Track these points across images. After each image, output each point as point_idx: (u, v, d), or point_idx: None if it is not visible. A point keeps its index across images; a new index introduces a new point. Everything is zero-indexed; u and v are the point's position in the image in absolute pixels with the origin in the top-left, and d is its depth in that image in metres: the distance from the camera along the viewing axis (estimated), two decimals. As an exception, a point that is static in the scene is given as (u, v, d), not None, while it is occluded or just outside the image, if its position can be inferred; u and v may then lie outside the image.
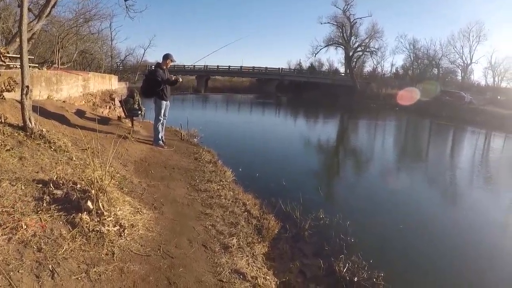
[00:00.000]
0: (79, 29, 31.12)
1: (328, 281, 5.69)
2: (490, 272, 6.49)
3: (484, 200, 11.57)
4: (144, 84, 11.07)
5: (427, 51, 72.11)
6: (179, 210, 6.13)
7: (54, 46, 26.26)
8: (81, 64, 38.90)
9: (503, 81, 65.96)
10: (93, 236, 4.04)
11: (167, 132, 12.72)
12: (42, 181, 4.72)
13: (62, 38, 27.39)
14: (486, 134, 31.62)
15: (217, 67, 74.70)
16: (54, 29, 27.63)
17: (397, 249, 7.30)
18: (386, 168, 15.22)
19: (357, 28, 71.90)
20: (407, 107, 49.90)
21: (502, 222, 9.52)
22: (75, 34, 30.86)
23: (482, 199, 11.71)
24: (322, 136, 23.68)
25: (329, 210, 8.36)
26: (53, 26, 27.50)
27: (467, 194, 12.24)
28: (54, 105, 11.05)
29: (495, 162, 19.17)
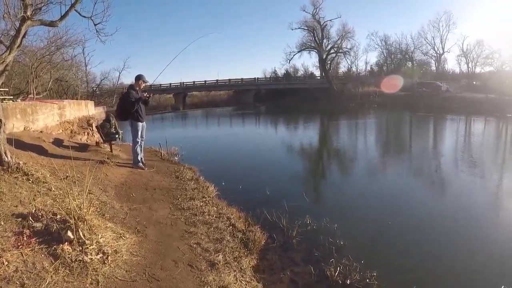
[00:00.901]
0: (52, 57, 30.95)
1: (320, 287, 5.71)
2: (480, 262, 6.51)
3: (471, 186, 11.74)
4: (119, 107, 11.04)
5: (399, 46, 73.43)
6: (162, 231, 6.10)
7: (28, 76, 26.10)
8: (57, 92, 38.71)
9: (477, 67, 67.10)
10: (76, 266, 4.01)
11: (146, 153, 12.69)
12: (21, 215, 4.68)
13: (36, 68, 27.23)
14: (466, 120, 32.42)
15: (193, 82, 75.04)
16: (27, 59, 27.46)
17: (387, 246, 7.30)
18: (370, 165, 15.28)
19: (328, 31, 72.62)
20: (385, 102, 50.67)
21: (490, 207, 9.62)
22: (48, 63, 30.69)
23: (468, 185, 11.88)
24: (304, 141, 23.72)
25: (316, 215, 8.37)
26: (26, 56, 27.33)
27: (453, 181, 12.34)
28: (30, 136, 10.96)
29: (478, 146, 19.61)
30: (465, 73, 68.16)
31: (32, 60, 26.82)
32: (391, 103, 51.26)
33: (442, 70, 74.15)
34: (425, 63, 75.51)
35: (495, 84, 45.36)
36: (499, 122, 30.46)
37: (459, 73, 71.69)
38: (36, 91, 25.66)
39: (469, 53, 67.29)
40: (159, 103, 72.22)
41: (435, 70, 73.74)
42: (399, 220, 8.48)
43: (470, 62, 67.80)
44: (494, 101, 39.78)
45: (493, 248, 6.96)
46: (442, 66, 75.09)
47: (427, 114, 37.80)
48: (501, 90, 41.87)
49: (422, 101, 47.10)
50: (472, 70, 67.57)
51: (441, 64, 74.17)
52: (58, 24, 14.70)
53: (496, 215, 9.03)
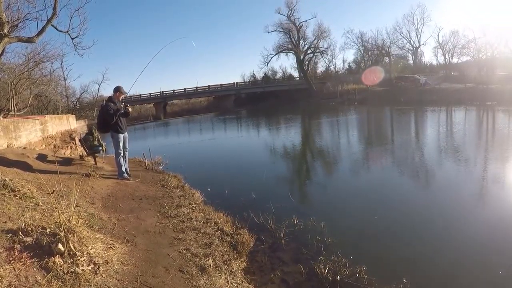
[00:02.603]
0: (31, 73, 30.80)
1: (311, 285, 5.80)
2: (467, 251, 6.63)
3: (455, 176, 11.90)
4: (99, 120, 11.06)
5: (376, 42, 74.16)
6: (152, 239, 6.14)
7: (8, 93, 25.93)
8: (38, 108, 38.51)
9: (454, 57, 68.30)
10: (68, 277, 4.04)
11: (131, 164, 12.70)
12: (11, 231, 4.71)
13: (15, 84, 27.08)
14: (446, 110, 32.92)
15: (173, 91, 75.11)
16: (6, 76, 27.36)
17: (375, 240, 7.40)
18: (354, 162, 15.42)
19: (304, 31, 74.16)
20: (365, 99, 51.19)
21: (475, 196, 9.74)
22: (28, 79, 30.53)
23: (453, 175, 12.03)
24: (286, 142, 23.86)
25: (303, 215, 8.51)
26: (5, 73, 27.24)
27: (437, 172, 12.53)
28: (14, 152, 10.92)
29: (460, 135, 19.97)
30: (443, 65, 69.96)
31: (11, 77, 26.69)
32: (371, 99, 51.76)
33: (420, 63, 75.88)
34: (402, 57, 76.77)
35: (473, 74, 46.18)
36: (480, 110, 31.12)
37: (437, 65, 73.54)
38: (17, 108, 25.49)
39: (445, 44, 69.13)
40: (140, 113, 72.07)
41: (413, 63, 75.00)
42: (385, 215, 8.61)
43: (447, 53, 69.60)
44: (473, 90, 40.56)
45: (478, 238, 7.09)
46: (419, 59, 77.04)
47: (407, 107, 38.25)
48: (479, 79, 42.92)
49: (401, 95, 47.65)
50: (449, 61, 69.10)
51: (418, 57, 76.06)
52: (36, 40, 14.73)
53: (482, 204, 9.16)
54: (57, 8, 13.57)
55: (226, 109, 70.06)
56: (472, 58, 58.69)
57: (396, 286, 5.44)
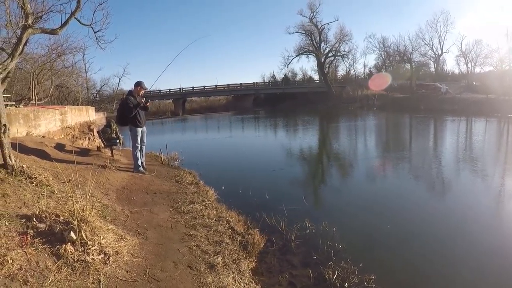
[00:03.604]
0: (53, 64, 30.99)
1: (318, 290, 5.75)
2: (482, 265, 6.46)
3: (472, 188, 11.65)
4: (118, 113, 11.18)
5: (397, 48, 73.20)
6: (163, 234, 6.18)
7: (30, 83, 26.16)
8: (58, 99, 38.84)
9: (476, 67, 66.82)
10: (78, 266, 4.10)
11: (147, 158, 12.76)
12: (26, 216, 4.77)
13: (37, 74, 27.29)
14: (466, 121, 32.41)
15: (192, 88, 75.31)
16: (28, 66, 27.53)
17: (386, 249, 7.28)
18: (370, 168, 15.28)
19: (326, 34, 73.88)
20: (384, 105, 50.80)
21: (492, 209, 9.57)
22: (50, 69, 30.75)
23: (470, 186, 11.80)
24: (303, 144, 23.80)
25: (315, 218, 8.41)
26: (27, 63, 27.41)
27: (454, 183, 12.30)
28: (33, 141, 11.05)
29: (479, 147, 19.59)
30: (465, 74, 68.23)
31: (33, 67, 26.90)
32: (390, 105, 51.44)
33: (441, 71, 74.53)
34: (423, 65, 75.58)
35: (495, 84, 45.36)
36: (500, 122, 30.53)
37: (459, 74, 71.93)
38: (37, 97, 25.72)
39: (467, 53, 67.38)
40: (159, 108, 72.45)
41: (434, 71, 73.88)
42: (399, 224, 8.48)
43: (469, 62, 67.79)
44: (494, 101, 39.82)
45: (495, 251, 6.95)
46: (441, 67, 75.70)
47: (427, 116, 37.87)
48: (501, 90, 42.01)
49: (421, 103, 47.26)
50: (471, 70, 67.40)
51: (440, 65, 74.77)
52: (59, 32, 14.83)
53: (499, 217, 9.00)
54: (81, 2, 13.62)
55: (245, 109, 70.09)
56: (495, 68, 57.99)
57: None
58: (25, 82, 29.50)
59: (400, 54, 72.57)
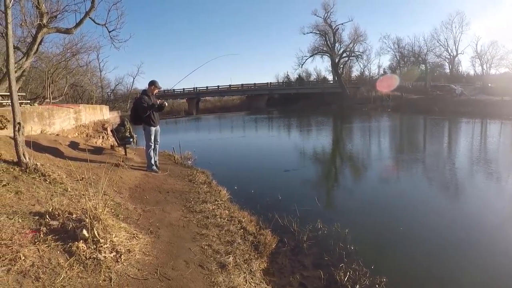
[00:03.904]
0: (67, 63, 31.35)
1: (329, 292, 5.72)
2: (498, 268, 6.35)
3: (487, 191, 11.47)
4: (132, 112, 11.24)
5: (412, 48, 73.08)
6: (175, 232, 6.19)
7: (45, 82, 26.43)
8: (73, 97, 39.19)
9: (492, 68, 66.70)
10: (90, 263, 4.12)
11: (160, 157, 12.78)
12: (39, 213, 4.81)
13: (52, 73, 27.58)
14: (481, 123, 32.23)
15: (206, 88, 75.57)
16: (43, 65, 27.88)
17: (398, 251, 7.21)
18: (384, 169, 15.16)
19: (340, 34, 73.54)
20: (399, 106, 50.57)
21: (508, 212, 9.36)
22: (64, 68, 31.09)
23: (484, 190, 11.60)
24: (316, 144, 23.70)
25: (327, 219, 8.35)
26: (42, 62, 27.74)
27: (469, 186, 12.12)
28: (47, 139, 11.15)
29: (494, 150, 19.29)
30: (480, 75, 67.72)
31: (48, 66, 27.20)
32: (404, 106, 51.20)
33: (456, 72, 73.80)
34: (438, 66, 75.57)
35: (510, 86, 44.95)
36: None
37: (474, 75, 71.42)
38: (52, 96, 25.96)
39: (483, 54, 66.96)
40: (173, 108, 72.62)
41: (449, 72, 73.32)
42: (412, 226, 8.37)
43: (485, 63, 67.44)
44: (510, 103, 39.40)
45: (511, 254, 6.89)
46: (456, 68, 74.93)
47: (441, 117, 37.61)
48: (516, 93, 41.49)
49: (436, 104, 46.88)
50: (486, 72, 67.01)
51: (455, 66, 73.95)
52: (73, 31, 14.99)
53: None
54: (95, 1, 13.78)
55: (258, 109, 70.23)
56: (510, 70, 57.59)
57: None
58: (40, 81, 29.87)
59: (415, 55, 72.52)
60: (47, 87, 25.82)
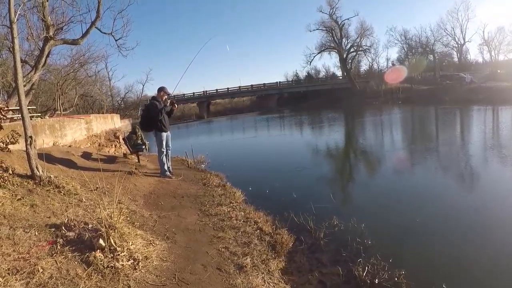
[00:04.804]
0: (76, 74, 31.60)
1: (349, 287, 5.67)
2: None
3: (503, 179, 11.30)
4: (143, 118, 11.26)
5: (419, 39, 72.86)
6: (191, 237, 6.20)
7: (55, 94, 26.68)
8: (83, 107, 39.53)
9: (500, 54, 66.73)
10: (108, 272, 4.13)
11: (173, 162, 12.81)
12: (55, 225, 4.84)
13: (61, 85, 27.83)
14: (493, 109, 32.20)
15: (216, 90, 75.58)
16: (52, 77, 28.11)
17: (416, 244, 7.15)
18: (398, 161, 15.08)
19: (347, 29, 73.94)
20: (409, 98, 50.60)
21: None
22: (73, 79, 31.36)
23: (501, 178, 11.43)
24: (329, 141, 23.66)
25: (343, 216, 8.30)
26: (51, 74, 27.97)
27: (485, 175, 11.94)
28: (60, 150, 11.22)
29: (507, 134, 19.26)
30: (489, 62, 67.66)
31: (57, 78, 27.45)
32: (415, 98, 51.09)
33: (465, 60, 73.42)
34: (446, 55, 75.34)
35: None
36: None
37: (482, 63, 71.26)
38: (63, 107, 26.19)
39: (490, 41, 67.18)
40: (184, 112, 72.79)
41: (458, 61, 73.04)
42: (428, 218, 8.30)
43: (493, 50, 67.65)
44: (520, 89, 38.92)
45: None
46: (465, 57, 74.49)
47: (452, 106, 37.50)
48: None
49: (446, 94, 46.80)
50: (495, 58, 67.05)
51: (463, 54, 73.51)
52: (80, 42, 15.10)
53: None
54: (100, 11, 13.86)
55: (269, 109, 70.31)
56: (519, 55, 57.23)
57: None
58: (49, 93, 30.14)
59: (422, 45, 72.31)
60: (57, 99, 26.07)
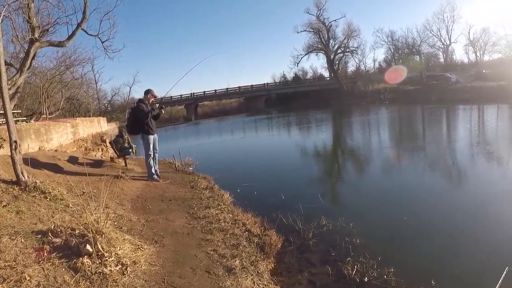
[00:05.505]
0: (62, 77, 31.33)
1: (338, 286, 5.71)
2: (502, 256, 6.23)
3: (489, 176, 11.49)
4: (129, 121, 11.19)
5: (406, 40, 75.04)
6: (180, 240, 6.18)
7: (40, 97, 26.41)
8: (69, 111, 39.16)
9: (485, 55, 67.98)
10: (96, 278, 4.09)
11: (161, 165, 12.79)
12: (41, 232, 4.79)
13: (47, 88, 27.54)
14: (478, 108, 32.76)
15: (203, 92, 75.43)
16: (38, 80, 27.82)
17: (404, 242, 7.27)
18: (385, 160, 15.29)
19: (334, 31, 74.55)
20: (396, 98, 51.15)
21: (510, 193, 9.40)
22: (59, 82, 31.05)
23: (487, 175, 11.65)
24: (317, 141, 23.85)
25: (332, 215, 8.37)
26: (37, 77, 27.69)
27: (471, 173, 12.16)
28: (46, 155, 11.13)
29: (493, 133, 19.51)
30: (474, 62, 68.87)
31: (43, 81, 27.15)
32: (401, 98, 51.59)
33: (451, 61, 75.04)
34: (433, 56, 76.93)
35: (505, 71, 45.26)
36: None
37: (468, 63, 72.46)
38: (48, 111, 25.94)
39: (476, 41, 68.64)
40: (171, 115, 72.67)
41: (444, 61, 74.41)
42: (416, 216, 8.43)
43: (478, 50, 69.06)
44: (505, 88, 39.70)
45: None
46: (450, 57, 76.27)
47: (439, 106, 37.93)
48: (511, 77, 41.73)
49: (432, 94, 47.37)
50: (480, 59, 68.34)
51: (449, 55, 75.30)
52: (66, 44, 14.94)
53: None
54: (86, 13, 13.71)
55: (257, 110, 70.44)
56: (503, 55, 58.00)
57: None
58: (35, 97, 29.84)
59: (409, 46, 74.41)
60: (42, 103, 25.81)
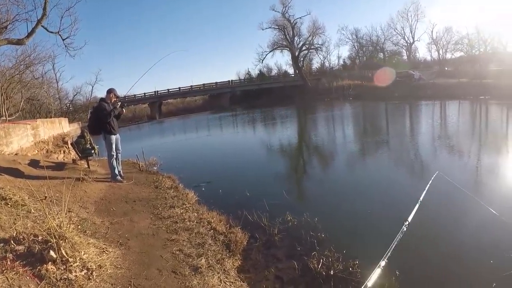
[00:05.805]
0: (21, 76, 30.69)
1: (305, 281, 5.82)
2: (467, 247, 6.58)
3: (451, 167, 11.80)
4: (91, 121, 11.00)
5: (370, 38, 76.28)
6: (145, 241, 6.17)
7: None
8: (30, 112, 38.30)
9: (448, 53, 69.15)
10: (61, 284, 4.06)
11: (124, 166, 12.69)
12: (3, 240, 4.72)
13: (6, 88, 26.94)
14: (440, 104, 33.67)
15: (167, 90, 74.49)
16: (-4, 80, 27.15)
17: (368, 234, 7.42)
18: (349, 155, 15.54)
19: (299, 28, 74.65)
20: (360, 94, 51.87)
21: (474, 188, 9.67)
22: (19, 82, 30.40)
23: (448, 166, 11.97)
24: (282, 138, 24.05)
25: (296, 211, 8.50)
26: (-6, 77, 27.03)
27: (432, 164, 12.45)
28: (5, 159, 10.91)
29: (455, 127, 20.17)
30: (437, 60, 70.59)
31: (1, 81, 26.54)
32: (365, 94, 52.27)
33: (414, 58, 76.69)
34: (396, 53, 78.09)
35: (466, 69, 46.76)
36: (473, 104, 31.90)
37: (431, 61, 74.36)
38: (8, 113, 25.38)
39: (438, 40, 69.92)
40: (135, 113, 71.71)
41: (407, 59, 75.72)
42: (379, 209, 8.62)
43: (441, 49, 70.45)
44: (467, 85, 40.89)
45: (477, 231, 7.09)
46: (414, 55, 78.13)
47: (402, 102, 38.67)
48: (472, 74, 43.55)
49: (396, 90, 48.13)
50: (443, 57, 69.84)
51: (412, 53, 77.19)
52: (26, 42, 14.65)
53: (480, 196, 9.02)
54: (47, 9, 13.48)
55: (222, 107, 70.17)
56: (465, 54, 59.50)
57: (389, 278, 5.46)
58: (-7, 98, 29.06)
59: (373, 44, 75.85)
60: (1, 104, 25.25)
